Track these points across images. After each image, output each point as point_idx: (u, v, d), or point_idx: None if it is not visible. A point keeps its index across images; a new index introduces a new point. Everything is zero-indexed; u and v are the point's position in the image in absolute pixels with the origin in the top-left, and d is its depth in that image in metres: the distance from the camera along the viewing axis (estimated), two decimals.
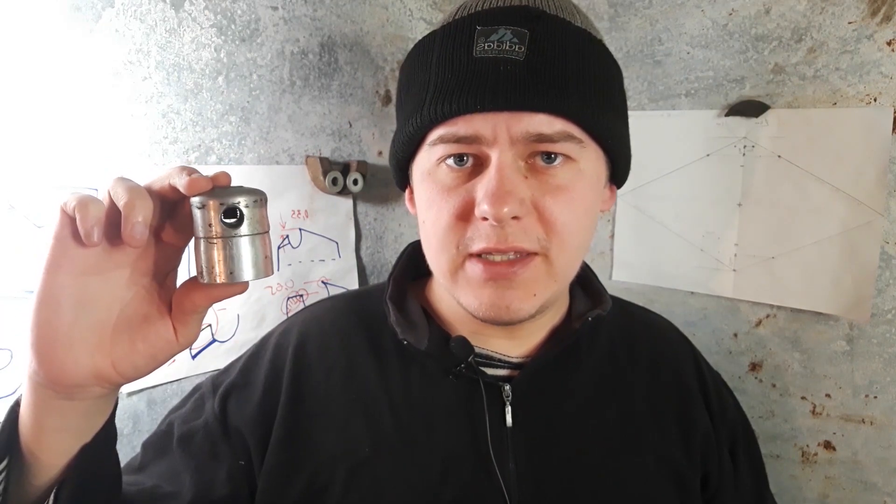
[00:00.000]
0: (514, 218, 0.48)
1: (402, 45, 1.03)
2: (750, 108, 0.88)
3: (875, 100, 0.79)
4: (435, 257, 0.54)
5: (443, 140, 0.50)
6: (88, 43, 0.69)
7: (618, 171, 0.58)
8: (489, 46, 0.49)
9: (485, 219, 0.48)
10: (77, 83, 0.69)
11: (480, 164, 0.50)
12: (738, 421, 0.69)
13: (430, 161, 0.53)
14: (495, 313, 0.51)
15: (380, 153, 1.03)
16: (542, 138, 0.49)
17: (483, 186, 0.48)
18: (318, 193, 0.93)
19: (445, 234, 0.51)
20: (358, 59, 0.97)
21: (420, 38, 0.56)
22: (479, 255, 0.50)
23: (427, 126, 0.51)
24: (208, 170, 0.79)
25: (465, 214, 0.50)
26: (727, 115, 0.90)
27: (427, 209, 0.53)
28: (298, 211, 0.91)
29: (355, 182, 0.93)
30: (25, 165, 0.66)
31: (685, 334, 0.73)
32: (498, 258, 0.50)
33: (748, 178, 0.90)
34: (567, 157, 0.50)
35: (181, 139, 0.78)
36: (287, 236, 0.90)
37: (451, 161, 0.51)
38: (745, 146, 0.89)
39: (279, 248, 0.89)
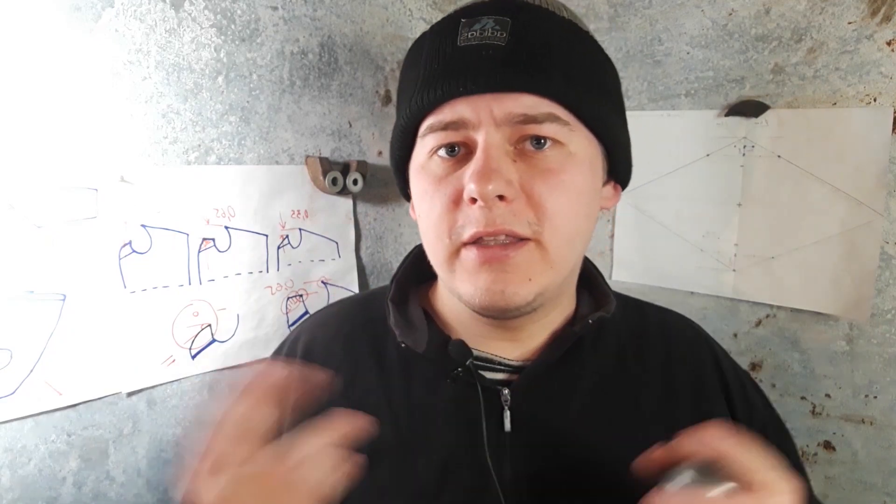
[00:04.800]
0: (502, 199, 0.48)
1: (402, 45, 1.03)
2: (750, 108, 0.88)
3: (875, 100, 0.79)
4: (432, 248, 0.55)
5: (431, 129, 0.51)
6: (88, 43, 0.69)
7: (616, 165, 0.57)
8: (472, 35, 0.50)
9: (473, 200, 0.48)
10: (77, 83, 0.69)
11: (471, 153, 0.51)
12: (767, 421, 0.64)
13: (423, 154, 0.53)
14: (490, 298, 0.50)
15: (380, 153, 1.03)
16: (526, 119, 0.49)
17: (470, 168, 0.49)
18: (317, 193, 0.93)
19: (438, 223, 0.52)
20: (358, 59, 0.97)
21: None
22: (472, 242, 0.50)
23: (416, 116, 0.52)
24: (208, 170, 0.80)
25: (455, 202, 0.51)
26: (727, 115, 0.90)
27: (421, 201, 0.54)
28: (298, 211, 0.91)
29: (355, 182, 0.93)
30: (25, 165, 0.66)
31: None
32: (491, 242, 0.50)
33: (748, 178, 0.90)
34: (555, 141, 0.50)
35: (181, 139, 0.78)
36: (287, 236, 0.90)
37: (442, 152, 0.52)
38: (745, 146, 0.89)
39: (279, 248, 0.89)
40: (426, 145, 0.52)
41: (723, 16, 0.90)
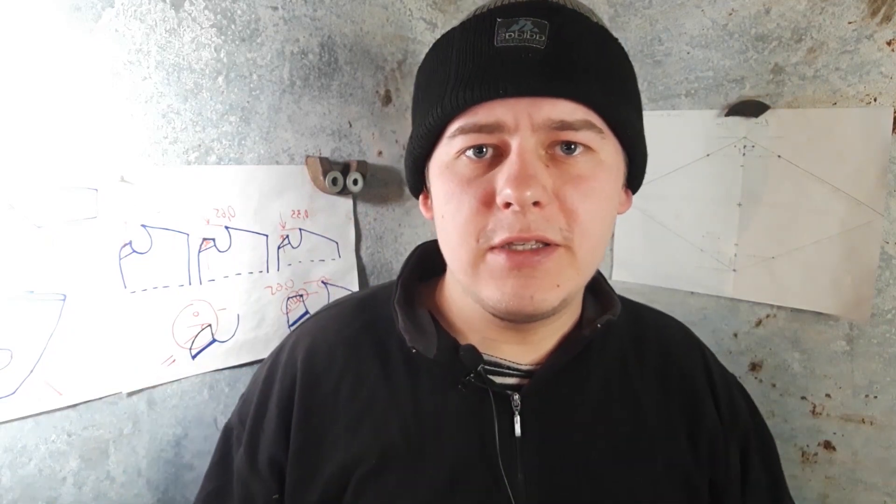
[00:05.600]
0: (536, 205, 0.48)
1: (402, 45, 1.03)
2: (750, 108, 0.88)
3: (875, 100, 0.79)
4: (454, 251, 0.53)
5: (463, 131, 0.50)
6: (88, 43, 0.69)
7: (634, 171, 0.58)
8: (510, 36, 0.49)
9: (507, 205, 0.48)
10: (77, 83, 0.69)
11: (500, 155, 0.50)
12: (750, 427, 0.65)
13: (448, 154, 0.52)
14: (518, 303, 0.49)
15: (380, 153, 1.03)
16: (563, 126, 0.48)
17: (505, 172, 0.48)
18: (318, 193, 0.93)
19: (466, 225, 0.50)
20: (358, 59, 0.97)
21: (420, 37, 0.56)
22: (501, 247, 0.50)
23: (448, 116, 0.51)
24: (208, 170, 0.80)
25: (485, 205, 0.50)
26: (727, 115, 0.90)
27: (446, 202, 0.53)
28: (298, 211, 0.91)
29: (355, 182, 0.93)
30: (25, 165, 0.66)
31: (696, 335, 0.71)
32: (520, 247, 0.49)
33: (748, 178, 0.90)
34: (587, 148, 0.50)
35: (181, 139, 0.78)
36: (287, 236, 0.90)
37: (470, 153, 0.51)
38: (745, 146, 0.89)
39: (279, 248, 0.89)
40: (454, 146, 0.51)
41: (723, 16, 0.90)
